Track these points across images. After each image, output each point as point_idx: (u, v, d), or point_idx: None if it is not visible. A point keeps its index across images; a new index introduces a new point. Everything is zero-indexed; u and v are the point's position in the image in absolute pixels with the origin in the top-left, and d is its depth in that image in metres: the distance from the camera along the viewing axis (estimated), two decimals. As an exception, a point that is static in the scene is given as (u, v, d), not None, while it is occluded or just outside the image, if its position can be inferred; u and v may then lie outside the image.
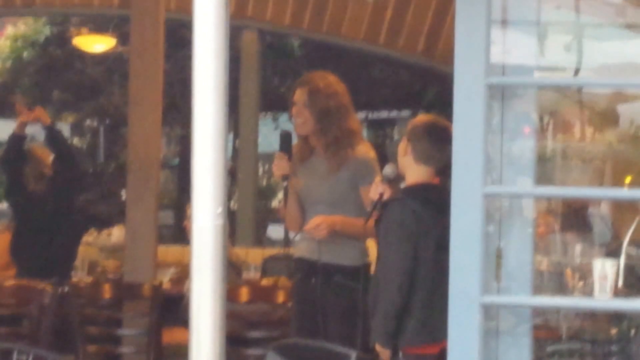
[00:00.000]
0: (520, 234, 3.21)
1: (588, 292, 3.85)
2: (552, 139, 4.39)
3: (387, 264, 4.42)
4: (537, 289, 3.37)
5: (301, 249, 5.23)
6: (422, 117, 4.88)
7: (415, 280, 4.37)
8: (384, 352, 4.44)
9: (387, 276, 4.41)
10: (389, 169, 4.72)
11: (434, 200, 4.36)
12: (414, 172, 4.55)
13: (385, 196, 4.65)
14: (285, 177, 5.16)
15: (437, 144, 4.54)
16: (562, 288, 4.31)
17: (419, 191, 4.49)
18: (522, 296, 3.19)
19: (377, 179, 4.74)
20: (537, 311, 3.48)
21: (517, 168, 3.20)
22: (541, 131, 3.70)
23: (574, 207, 4.89)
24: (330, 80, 5.24)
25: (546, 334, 4.22)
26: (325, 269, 5.08)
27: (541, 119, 3.68)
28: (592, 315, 4.43)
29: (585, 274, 4.03)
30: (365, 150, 5.21)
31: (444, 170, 4.47)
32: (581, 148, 4.75)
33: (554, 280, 4.34)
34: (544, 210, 4.33)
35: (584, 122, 4.94)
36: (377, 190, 4.66)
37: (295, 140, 5.28)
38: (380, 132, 16.38)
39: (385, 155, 7.07)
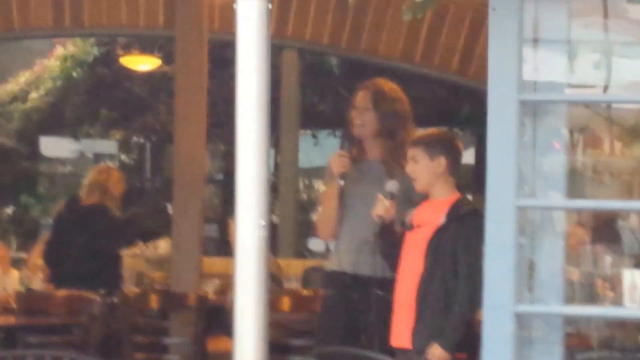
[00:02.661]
0: (552, 246, 3.22)
1: (618, 301, 3.87)
2: (582, 153, 4.39)
3: (474, 272, 4.28)
4: (569, 299, 3.38)
5: (338, 262, 5.04)
6: (432, 131, 4.77)
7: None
8: (444, 358, 4.42)
9: (473, 284, 4.28)
10: (392, 186, 4.65)
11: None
12: (451, 186, 4.54)
13: (392, 212, 4.60)
14: (343, 175, 4.99)
15: (459, 151, 4.61)
16: (593, 298, 4.29)
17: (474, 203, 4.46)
18: (554, 305, 3.18)
19: (380, 195, 4.63)
20: (569, 320, 3.45)
21: (549, 182, 3.20)
22: (572, 146, 3.73)
23: (604, 219, 4.90)
24: (393, 86, 5.15)
25: (578, 342, 4.21)
26: (365, 282, 4.94)
27: (572, 134, 3.68)
28: (622, 324, 4.43)
29: (615, 284, 4.02)
30: None
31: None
32: (610, 162, 4.70)
33: (585, 290, 4.33)
34: (575, 222, 4.35)
35: (613, 138, 4.89)
36: (384, 206, 4.60)
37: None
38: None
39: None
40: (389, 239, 4.69)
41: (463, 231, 4.43)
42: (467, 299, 4.39)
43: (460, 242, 4.43)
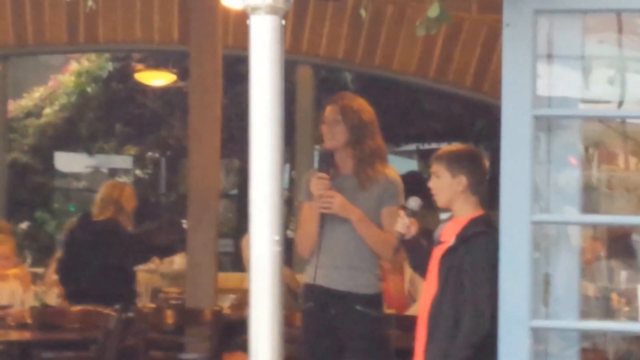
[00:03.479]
0: (567, 261, 3.25)
1: (634, 316, 3.88)
2: (596, 168, 4.38)
3: (479, 295, 4.27)
4: (584, 314, 3.38)
5: (312, 275, 5.11)
6: (457, 147, 4.72)
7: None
8: None
9: (478, 307, 4.28)
10: (413, 202, 4.62)
11: None
12: (472, 204, 4.49)
13: (413, 229, 4.58)
14: (322, 197, 5.04)
15: (484, 169, 4.57)
16: (608, 312, 4.30)
17: (493, 223, 4.31)
18: (569, 320, 3.24)
19: (401, 212, 4.63)
20: (585, 335, 3.51)
21: (564, 197, 3.23)
22: (586, 161, 3.72)
23: (619, 234, 4.87)
24: (360, 100, 5.25)
25: (594, 357, 4.20)
26: (343, 297, 5.03)
27: (586, 149, 3.65)
28: (638, 339, 4.36)
29: (630, 299, 4.01)
30: (394, 171, 5.18)
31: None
32: (625, 177, 4.69)
33: (601, 305, 4.33)
34: (590, 237, 4.32)
35: (628, 153, 4.91)
36: (404, 223, 4.57)
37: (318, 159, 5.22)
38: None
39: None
40: (416, 254, 4.67)
41: (469, 252, 4.36)
42: (472, 321, 4.31)
43: (466, 264, 4.37)
